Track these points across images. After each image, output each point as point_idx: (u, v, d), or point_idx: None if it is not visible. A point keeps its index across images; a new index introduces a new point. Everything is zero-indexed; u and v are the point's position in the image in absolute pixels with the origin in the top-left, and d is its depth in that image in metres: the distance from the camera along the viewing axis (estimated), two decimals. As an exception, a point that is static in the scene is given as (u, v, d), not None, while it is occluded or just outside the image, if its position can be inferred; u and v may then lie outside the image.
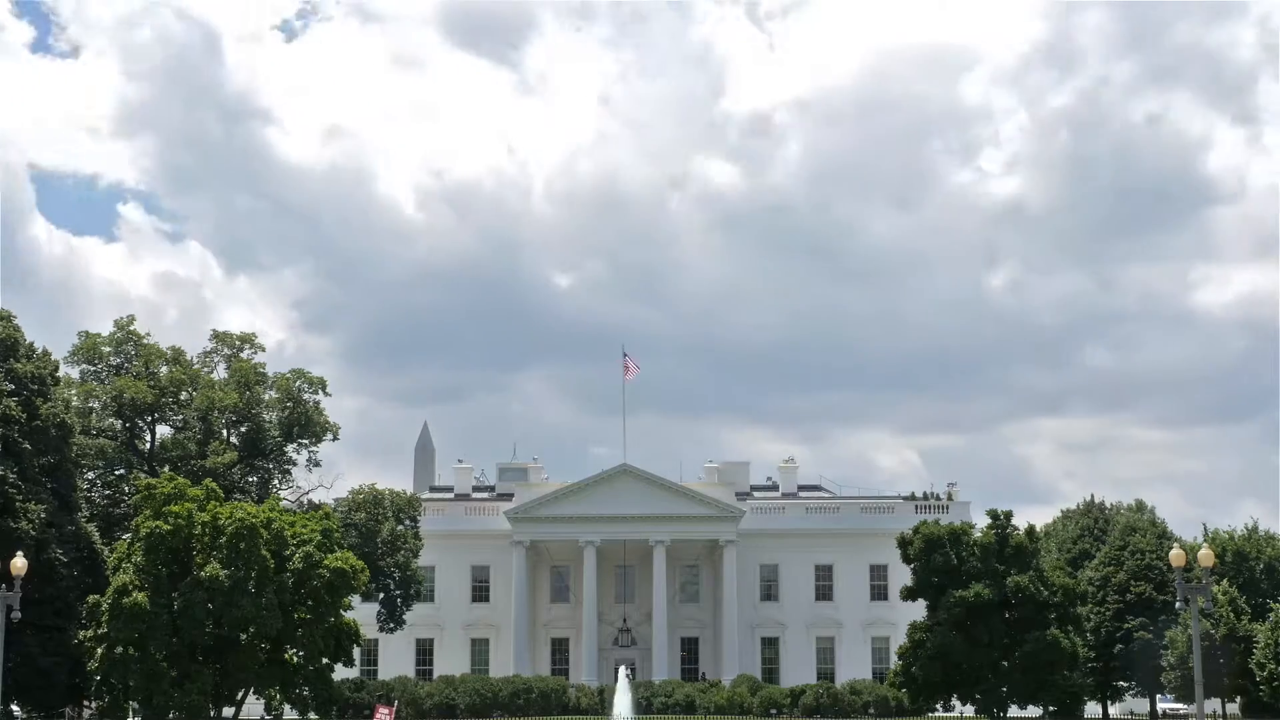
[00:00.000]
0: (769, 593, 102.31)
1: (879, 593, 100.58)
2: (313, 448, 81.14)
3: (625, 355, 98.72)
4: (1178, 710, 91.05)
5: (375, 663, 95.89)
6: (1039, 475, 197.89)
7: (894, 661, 75.12)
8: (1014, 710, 68.86)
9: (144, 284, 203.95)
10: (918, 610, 71.81)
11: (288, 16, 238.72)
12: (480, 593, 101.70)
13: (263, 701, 60.45)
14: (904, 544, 69.77)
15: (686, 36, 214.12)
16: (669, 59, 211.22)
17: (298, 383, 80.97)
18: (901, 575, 79.64)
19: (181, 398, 79.34)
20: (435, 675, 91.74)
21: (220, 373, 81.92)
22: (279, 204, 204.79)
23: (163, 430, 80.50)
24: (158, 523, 56.05)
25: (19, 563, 48.32)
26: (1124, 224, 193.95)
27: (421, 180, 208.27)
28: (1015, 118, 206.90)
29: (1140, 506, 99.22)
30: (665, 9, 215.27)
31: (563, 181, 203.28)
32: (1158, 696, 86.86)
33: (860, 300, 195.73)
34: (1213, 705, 75.30)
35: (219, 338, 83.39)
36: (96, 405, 77.22)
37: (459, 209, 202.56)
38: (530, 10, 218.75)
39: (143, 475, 71.44)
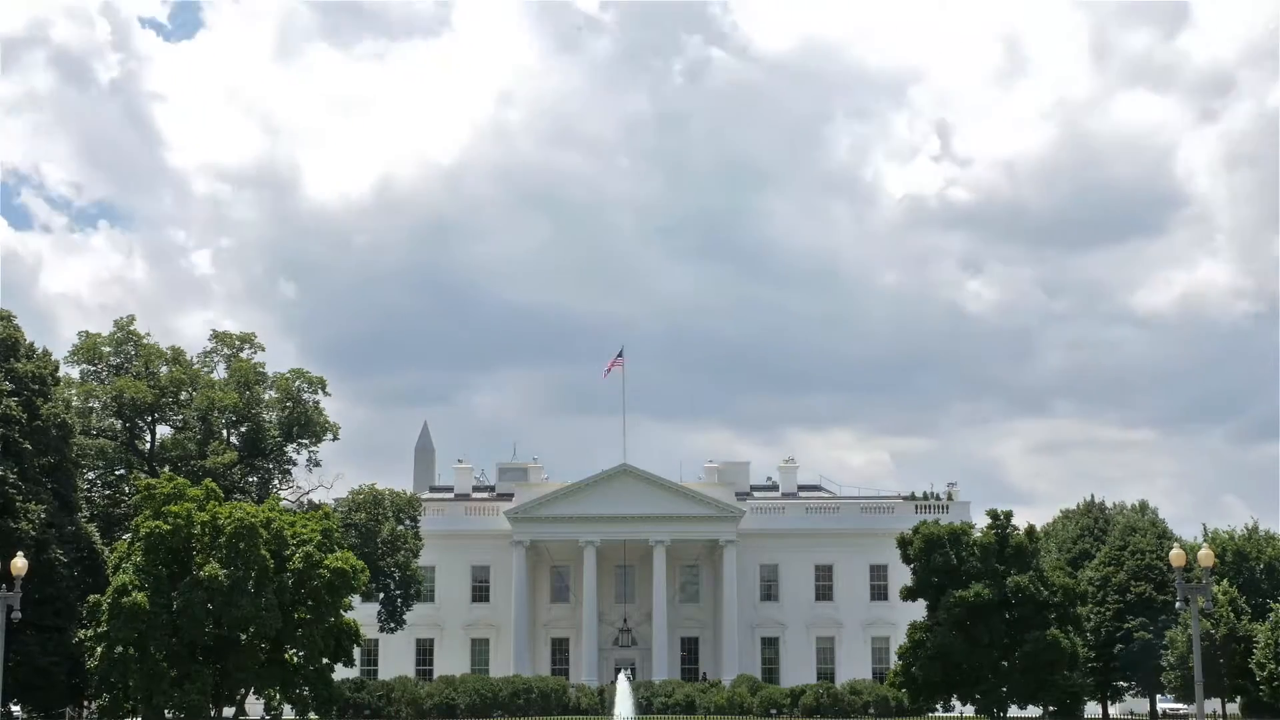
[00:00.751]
0: (769, 593, 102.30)
1: (879, 593, 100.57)
2: (313, 448, 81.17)
3: (620, 355, 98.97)
4: (1178, 710, 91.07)
5: (375, 663, 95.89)
6: (1012, 476, 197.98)
7: (894, 661, 75.11)
8: (1014, 710, 68.82)
9: (71, 282, 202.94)
10: (918, 610, 71.79)
11: (165, 16, 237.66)
12: (480, 593, 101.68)
13: (262, 701, 60.37)
14: (904, 544, 69.76)
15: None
16: (573, 53, 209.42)
17: (297, 383, 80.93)
18: (901, 575, 79.59)
19: (181, 398, 79.29)
20: (435, 675, 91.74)
21: (220, 373, 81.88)
22: (208, 205, 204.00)
23: (163, 430, 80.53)
24: (158, 523, 55.99)
25: (19, 563, 48.35)
26: (1084, 226, 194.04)
27: (349, 177, 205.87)
28: (973, 119, 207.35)
29: (1142, 507, 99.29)
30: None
31: (493, 179, 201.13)
32: (1158, 696, 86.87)
33: (810, 304, 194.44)
34: (1213, 705, 75.31)
35: (219, 337, 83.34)
36: (96, 405, 77.17)
37: (391, 207, 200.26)
38: (430, 5, 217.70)
39: (143, 475, 71.41)
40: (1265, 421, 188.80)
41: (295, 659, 58.63)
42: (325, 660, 59.18)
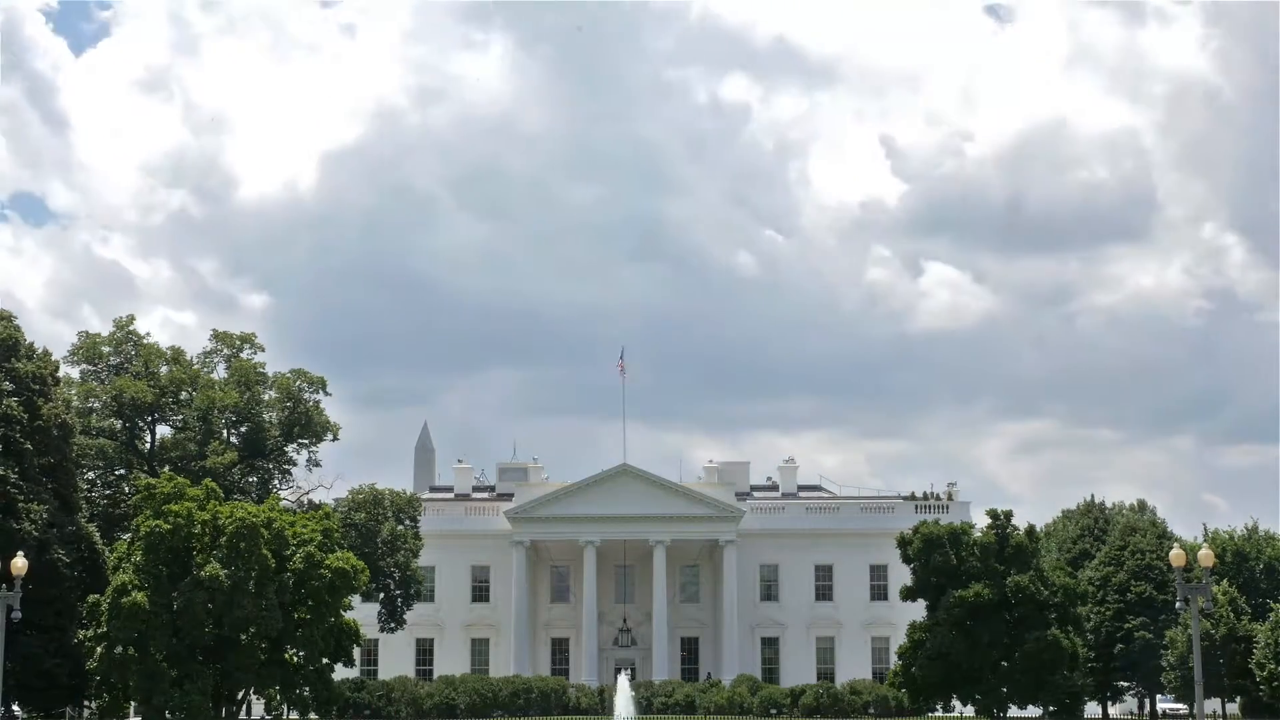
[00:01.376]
0: (769, 593, 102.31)
1: (879, 593, 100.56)
2: (313, 448, 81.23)
3: (621, 357, 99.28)
4: (1178, 710, 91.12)
5: (375, 663, 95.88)
6: (990, 478, 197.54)
7: (894, 661, 75.14)
8: (1014, 710, 68.83)
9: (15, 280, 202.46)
10: (918, 610, 71.77)
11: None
12: (480, 593, 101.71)
13: (263, 701, 60.37)
14: (904, 544, 69.74)
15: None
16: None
17: (298, 383, 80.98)
18: (901, 575, 79.54)
19: (181, 397, 79.36)
20: (435, 675, 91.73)
21: (220, 372, 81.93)
22: (139, 201, 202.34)
23: (163, 430, 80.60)
24: (158, 522, 55.99)
25: (19, 563, 48.41)
26: (1050, 228, 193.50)
27: (276, 176, 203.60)
28: (933, 122, 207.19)
29: (1141, 506, 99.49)
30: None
31: (425, 176, 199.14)
32: (1158, 696, 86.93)
33: (777, 308, 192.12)
34: (1213, 705, 75.39)
35: (219, 337, 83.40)
36: (96, 405, 77.24)
37: (328, 205, 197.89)
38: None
39: (143, 475, 71.40)
40: (1239, 421, 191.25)
41: (295, 659, 58.64)
42: (325, 660, 59.20)
